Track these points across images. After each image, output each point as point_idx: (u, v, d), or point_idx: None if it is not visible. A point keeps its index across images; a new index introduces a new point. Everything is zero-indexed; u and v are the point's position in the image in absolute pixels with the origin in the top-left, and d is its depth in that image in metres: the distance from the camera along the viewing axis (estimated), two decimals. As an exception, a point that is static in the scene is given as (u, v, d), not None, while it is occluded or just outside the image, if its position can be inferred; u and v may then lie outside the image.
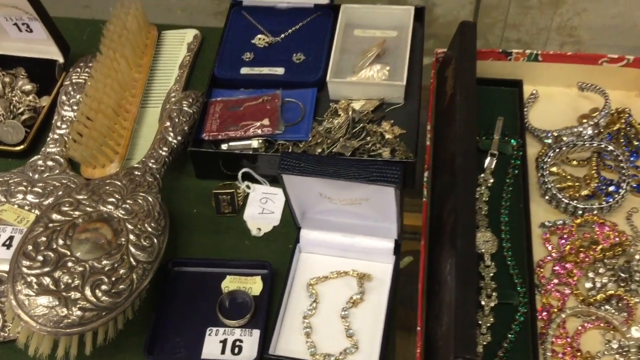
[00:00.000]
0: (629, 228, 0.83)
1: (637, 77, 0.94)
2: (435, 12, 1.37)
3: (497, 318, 0.75)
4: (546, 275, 0.79)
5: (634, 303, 0.75)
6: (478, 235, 0.81)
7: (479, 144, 0.91)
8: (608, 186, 0.85)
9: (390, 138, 0.88)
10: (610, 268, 0.79)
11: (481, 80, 0.96)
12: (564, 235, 0.81)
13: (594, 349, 0.73)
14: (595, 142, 0.86)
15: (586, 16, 1.37)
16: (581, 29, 1.39)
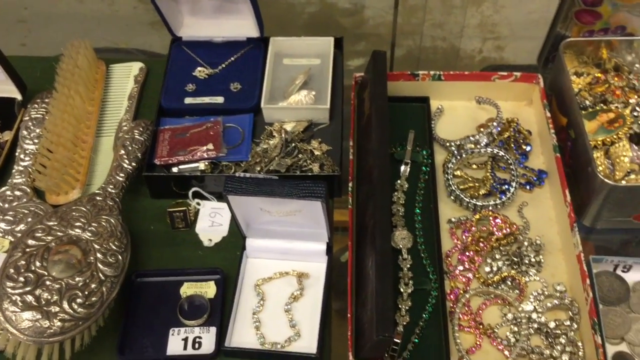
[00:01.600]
0: (520, 219, 1.00)
1: (525, 89, 1.10)
2: (365, 14, 1.47)
3: (414, 302, 0.90)
4: (453, 263, 0.95)
5: (524, 282, 0.92)
6: (396, 234, 0.96)
7: (395, 154, 1.06)
8: (502, 185, 1.02)
9: (319, 154, 1.02)
10: (505, 254, 0.95)
11: (395, 98, 1.11)
12: (466, 229, 0.97)
13: (493, 322, 0.89)
14: (489, 149, 1.03)
15: (505, 12, 1.46)
16: (501, 25, 1.47)
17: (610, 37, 1.09)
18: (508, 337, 0.87)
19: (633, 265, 0.92)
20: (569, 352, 0.85)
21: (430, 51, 1.47)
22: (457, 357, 0.86)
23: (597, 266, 0.93)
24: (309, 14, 1.38)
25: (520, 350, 0.85)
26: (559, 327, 0.87)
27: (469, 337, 0.88)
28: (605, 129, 1.01)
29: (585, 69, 1.12)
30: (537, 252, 0.94)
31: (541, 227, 0.98)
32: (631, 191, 0.92)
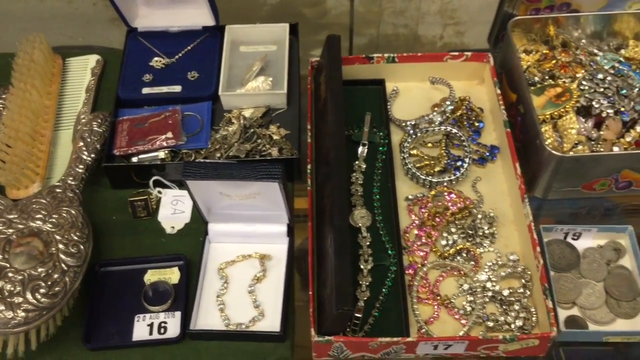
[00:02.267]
0: (474, 194, 1.03)
1: (475, 69, 1.13)
2: (327, 4, 1.47)
3: (374, 277, 0.93)
4: (411, 239, 0.98)
5: (479, 253, 0.95)
6: (355, 213, 0.99)
7: (352, 136, 1.08)
8: (456, 162, 1.05)
9: (278, 139, 1.03)
10: (460, 227, 0.98)
11: (351, 81, 1.14)
12: (423, 205, 1.00)
13: (450, 293, 0.93)
14: (443, 127, 1.06)
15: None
16: (460, 11, 1.49)
17: (555, 14, 1.13)
18: (464, 307, 0.90)
19: (582, 232, 0.96)
20: (523, 317, 0.88)
21: (392, 38, 1.49)
22: (416, 328, 0.89)
23: (548, 235, 0.96)
24: (270, 6, 1.39)
25: (476, 319, 0.88)
26: (512, 295, 0.91)
27: (427, 308, 0.91)
28: (553, 103, 1.05)
29: (534, 46, 1.16)
30: (490, 224, 0.98)
31: (494, 200, 1.02)
32: (578, 161, 0.95)
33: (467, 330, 0.88)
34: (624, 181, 0.99)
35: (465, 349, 0.85)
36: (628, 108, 1.04)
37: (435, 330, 0.89)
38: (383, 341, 0.83)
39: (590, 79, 1.07)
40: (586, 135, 1.02)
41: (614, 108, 1.03)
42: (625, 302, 0.90)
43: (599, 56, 1.11)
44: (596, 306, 0.90)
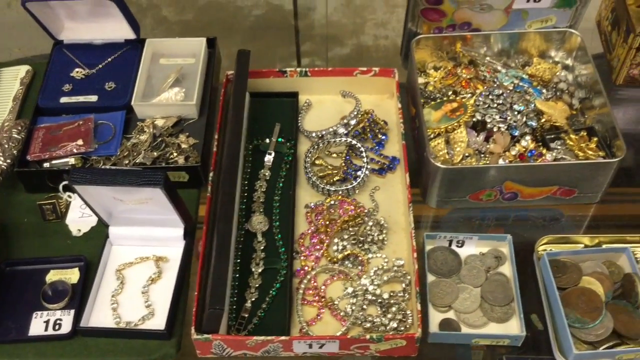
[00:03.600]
0: (371, 202, 1.08)
1: (385, 83, 1.19)
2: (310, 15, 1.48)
3: (264, 280, 0.98)
4: (306, 244, 1.03)
5: (366, 259, 1.00)
6: (253, 219, 1.04)
7: (260, 146, 1.14)
8: (356, 172, 1.10)
9: (186, 147, 1.09)
10: (353, 234, 1.03)
11: (266, 93, 1.20)
12: (319, 213, 1.05)
13: (335, 295, 0.98)
14: (343, 138, 1.11)
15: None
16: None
17: (454, 32, 1.18)
18: (346, 309, 0.95)
19: (465, 240, 1.01)
20: (399, 319, 0.93)
21: (372, 49, 1.54)
22: (298, 328, 0.94)
23: (434, 242, 1.01)
24: (255, 17, 1.44)
25: (354, 320, 0.93)
26: (393, 298, 0.96)
27: (312, 310, 0.96)
28: (448, 118, 1.10)
29: (442, 63, 1.22)
30: (381, 231, 1.03)
31: (390, 209, 1.07)
32: (460, 173, 1.01)
33: (345, 330, 0.93)
34: (508, 192, 1.04)
35: (339, 347, 0.90)
36: (520, 123, 1.09)
37: (317, 330, 0.94)
38: (258, 339, 0.88)
39: (487, 95, 1.13)
40: (477, 149, 1.08)
41: (506, 123, 1.09)
42: (498, 307, 0.95)
43: (501, 73, 1.17)
44: (470, 310, 0.95)
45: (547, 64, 1.19)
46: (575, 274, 0.94)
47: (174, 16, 1.41)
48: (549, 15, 1.16)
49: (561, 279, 0.94)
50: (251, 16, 1.44)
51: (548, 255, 0.95)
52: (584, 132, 1.08)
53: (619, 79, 1.22)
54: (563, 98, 1.14)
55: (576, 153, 1.05)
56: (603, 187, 1.04)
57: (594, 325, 0.88)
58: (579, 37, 1.16)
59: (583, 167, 1.00)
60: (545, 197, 1.05)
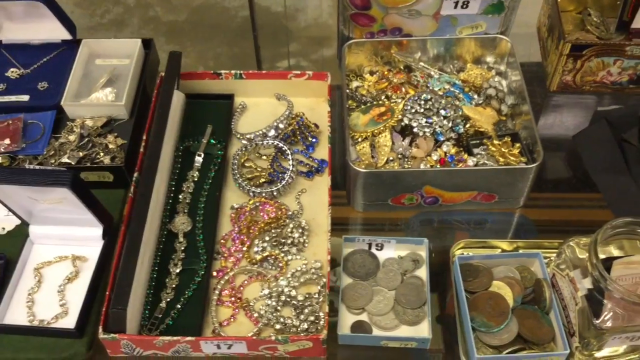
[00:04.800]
0: (296, 205, 1.09)
1: (320, 87, 1.20)
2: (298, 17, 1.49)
3: (182, 281, 0.99)
4: (227, 245, 1.04)
5: (285, 261, 1.01)
6: (176, 219, 1.05)
7: (191, 147, 1.14)
8: (283, 174, 1.11)
9: (113, 147, 1.10)
10: (275, 236, 1.04)
11: (202, 95, 1.21)
12: (242, 214, 1.06)
13: (252, 296, 0.99)
14: (270, 141, 1.12)
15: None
16: None
17: (385, 37, 1.19)
18: (260, 310, 0.96)
19: (384, 243, 1.02)
20: (311, 321, 0.94)
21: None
22: (211, 328, 0.95)
23: (353, 245, 1.02)
24: (242, 18, 1.45)
25: (266, 321, 0.94)
26: (307, 300, 0.96)
27: (227, 310, 0.97)
28: (375, 122, 1.11)
29: (378, 67, 1.23)
30: (302, 233, 1.04)
31: (315, 211, 1.07)
32: (379, 177, 1.02)
33: (257, 331, 0.93)
34: (429, 196, 1.05)
35: (247, 348, 0.91)
36: (445, 129, 1.10)
37: (230, 331, 0.95)
38: (165, 339, 0.88)
39: (416, 99, 1.14)
40: (401, 153, 1.08)
41: (432, 128, 1.10)
42: (410, 309, 0.95)
43: (433, 78, 1.18)
44: (383, 313, 0.96)
45: (479, 69, 1.20)
46: (486, 278, 0.95)
47: (163, 16, 1.43)
48: (479, 21, 1.17)
49: (472, 283, 0.95)
50: (237, 17, 1.44)
51: (460, 259, 0.96)
52: (508, 138, 1.09)
53: (552, 85, 1.23)
54: (491, 104, 1.15)
55: (497, 159, 1.06)
56: (524, 192, 1.05)
57: (498, 329, 0.89)
58: (509, 43, 1.17)
59: (500, 172, 1.01)
60: (467, 201, 1.06)
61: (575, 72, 1.19)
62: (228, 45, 1.28)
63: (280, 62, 1.37)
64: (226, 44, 1.42)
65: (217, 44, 1.38)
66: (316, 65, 1.35)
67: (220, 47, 1.30)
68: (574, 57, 1.16)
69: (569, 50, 1.15)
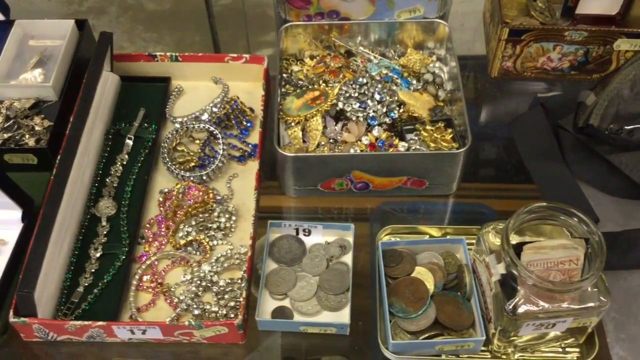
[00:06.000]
0: (227, 190, 1.07)
1: (257, 70, 1.18)
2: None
3: (102, 265, 0.97)
4: (153, 230, 1.02)
5: (210, 245, 0.99)
6: (100, 203, 1.03)
7: (122, 130, 1.12)
8: (214, 158, 1.09)
9: (40, 129, 1.07)
10: (202, 221, 1.03)
11: (138, 78, 1.19)
12: (169, 198, 1.04)
13: (174, 282, 0.97)
14: (202, 124, 1.10)
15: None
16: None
17: (320, 21, 1.17)
18: (180, 296, 0.94)
19: (311, 229, 1.00)
20: (231, 306, 0.92)
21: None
22: (129, 314, 0.93)
23: (280, 230, 1.01)
24: (221, 6, 1.42)
25: (185, 306, 0.92)
26: (230, 285, 0.95)
27: (147, 296, 0.95)
28: (308, 106, 1.09)
29: (319, 51, 1.21)
30: (229, 218, 1.02)
31: (245, 196, 1.06)
32: (306, 161, 1.00)
33: (175, 317, 0.92)
34: (359, 182, 1.03)
35: (162, 334, 0.89)
36: (379, 114, 1.09)
37: (149, 316, 0.93)
38: (76, 324, 0.87)
39: (351, 84, 1.12)
40: (333, 137, 1.07)
41: (365, 113, 1.09)
42: (333, 295, 0.94)
43: (372, 63, 1.17)
44: (305, 298, 0.94)
45: (419, 55, 1.18)
46: (409, 264, 0.93)
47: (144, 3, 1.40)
48: (416, 5, 1.15)
49: (395, 269, 0.93)
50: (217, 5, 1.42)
51: (383, 244, 0.94)
52: (442, 124, 1.07)
53: (493, 71, 1.21)
54: (428, 89, 1.13)
55: (428, 144, 1.04)
56: (455, 178, 1.04)
57: (416, 315, 0.88)
58: (446, 28, 1.15)
59: (427, 157, 1.00)
60: (397, 187, 1.04)
61: (515, 57, 1.18)
62: (206, 33, 1.26)
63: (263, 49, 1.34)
64: (204, 33, 1.39)
65: (195, 32, 1.36)
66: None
67: (197, 35, 1.28)
68: (512, 43, 1.15)
69: (507, 35, 1.14)
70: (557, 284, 0.77)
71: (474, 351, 0.88)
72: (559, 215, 0.83)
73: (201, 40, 1.37)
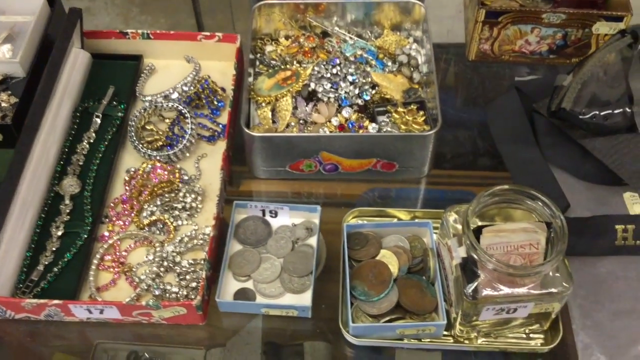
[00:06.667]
0: (195, 169, 1.06)
1: (230, 50, 1.16)
2: None
3: (63, 244, 0.95)
4: (117, 209, 1.01)
5: (174, 226, 0.98)
6: (64, 181, 1.01)
7: (90, 108, 1.10)
8: (183, 138, 1.07)
9: (6, 106, 1.06)
10: (167, 200, 1.01)
11: (110, 55, 1.17)
12: (135, 177, 1.03)
13: (136, 262, 0.95)
14: (171, 103, 1.08)
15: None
16: None
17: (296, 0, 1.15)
18: (141, 276, 0.93)
19: (278, 210, 0.98)
20: (192, 287, 0.91)
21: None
22: (88, 293, 0.92)
23: (247, 211, 0.99)
24: None
25: (146, 286, 0.91)
26: (192, 266, 0.94)
27: (108, 275, 0.94)
28: (279, 86, 1.07)
29: (294, 31, 1.19)
30: (195, 198, 1.00)
31: (213, 176, 1.04)
32: (271, 141, 0.98)
33: (134, 297, 0.90)
34: (328, 163, 1.01)
35: (121, 314, 0.88)
36: (352, 95, 1.07)
37: (108, 296, 0.92)
38: (32, 302, 0.85)
39: (324, 64, 1.10)
40: (303, 118, 1.05)
41: (337, 94, 1.07)
42: (297, 277, 0.93)
43: (347, 43, 1.15)
44: (269, 280, 0.93)
45: (395, 36, 1.16)
46: (374, 247, 0.92)
47: None
48: (392, -16, 1.13)
49: (359, 252, 0.92)
50: None
51: (348, 227, 0.93)
52: (414, 106, 1.05)
53: (471, 54, 1.19)
54: (402, 71, 1.11)
55: (399, 126, 1.02)
56: (425, 161, 1.02)
57: (378, 298, 0.86)
58: (422, 9, 1.13)
59: (397, 139, 0.98)
60: (367, 170, 1.02)
61: (492, 40, 1.16)
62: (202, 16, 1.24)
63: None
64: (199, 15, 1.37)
65: (189, 16, 1.33)
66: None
67: (192, 18, 1.26)
68: (489, 25, 1.13)
69: (484, 16, 1.12)
70: (517, 268, 0.76)
71: (436, 335, 0.86)
72: (523, 199, 0.81)
73: (197, 23, 1.35)
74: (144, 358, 0.89)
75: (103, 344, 0.90)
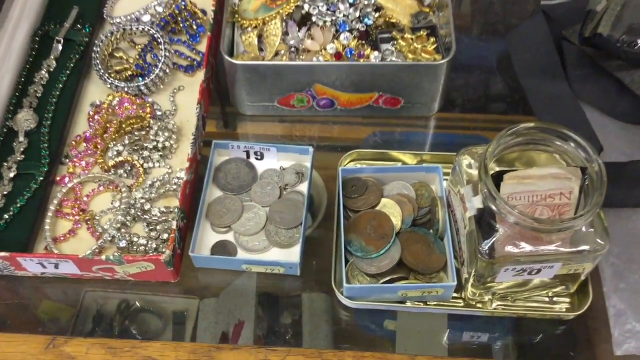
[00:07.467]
0: (170, 104, 0.92)
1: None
2: None
3: (15, 187, 0.83)
4: (79, 148, 0.88)
5: (144, 168, 0.85)
6: (19, 115, 0.88)
7: (50, 31, 0.96)
8: (155, 67, 0.93)
9: (-49, 28, 0.92)
10: (137, 139, 0.88)
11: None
12: (100, 112, 0.89)
13: (99, 209, 0.83)
14: (142, 27, 0.94)
15: None
16: None
17: None
18: (105, 225, 0.81)
19: (264, 152, 0.85)
20: (163, 239, 0.79)
21: None
22: (44, 244, 0.80)
23: (228, 152, 0.86)
24: None
25: (110, 237, 0.79)
26: (164, 215, 0.81)
27: (67, 224, 0.82)
28: (267, 7, 0.92)
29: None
30: (168, 137, 0.87)
31: (190, 112, 0.90)
32: (256, 71, 0.84)
33: (95, 249, 0.78)
34: (322, 98, 0.88)
35: (79, 269, 0.76)
36: (352, 19, 0.92)
37: (67, 248, 0.80)
38: (-26, 254, 0.74)
39: (320, -17, 0.95)
40: (294, 45, 0.91)
41: (334, 17, 0.92)
42: (285, 229, 0.80)
43: (345, -40, 0.99)
44: (252, 232, 0.81)
45: (405, -50, 1.00)
46: (374, 195, 0.79)
47: None
48: None
49: (356, 200, 0.79)
50: None
51: (344, 171, 0.80)
52: (424, 32, 0.91)
53: (490, -26, 1.04)
54: (411, -9, 0.96)
55: (406, 55, 0.88)
56: (436, 97, 0.88)
57: (377, 255, 0.74)
58: None
59: (402, 69, 0.84)
60: (367, 106, 0.89)
61: (516, -43, 1.00)
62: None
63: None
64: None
65: None
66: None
67: None
68: (514, -62, 0.97)
69: None
70: (544, 222, 0.62)
71: (443, 298, 0.74)
72: (552, 139, 0.68)
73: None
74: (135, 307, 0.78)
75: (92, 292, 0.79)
